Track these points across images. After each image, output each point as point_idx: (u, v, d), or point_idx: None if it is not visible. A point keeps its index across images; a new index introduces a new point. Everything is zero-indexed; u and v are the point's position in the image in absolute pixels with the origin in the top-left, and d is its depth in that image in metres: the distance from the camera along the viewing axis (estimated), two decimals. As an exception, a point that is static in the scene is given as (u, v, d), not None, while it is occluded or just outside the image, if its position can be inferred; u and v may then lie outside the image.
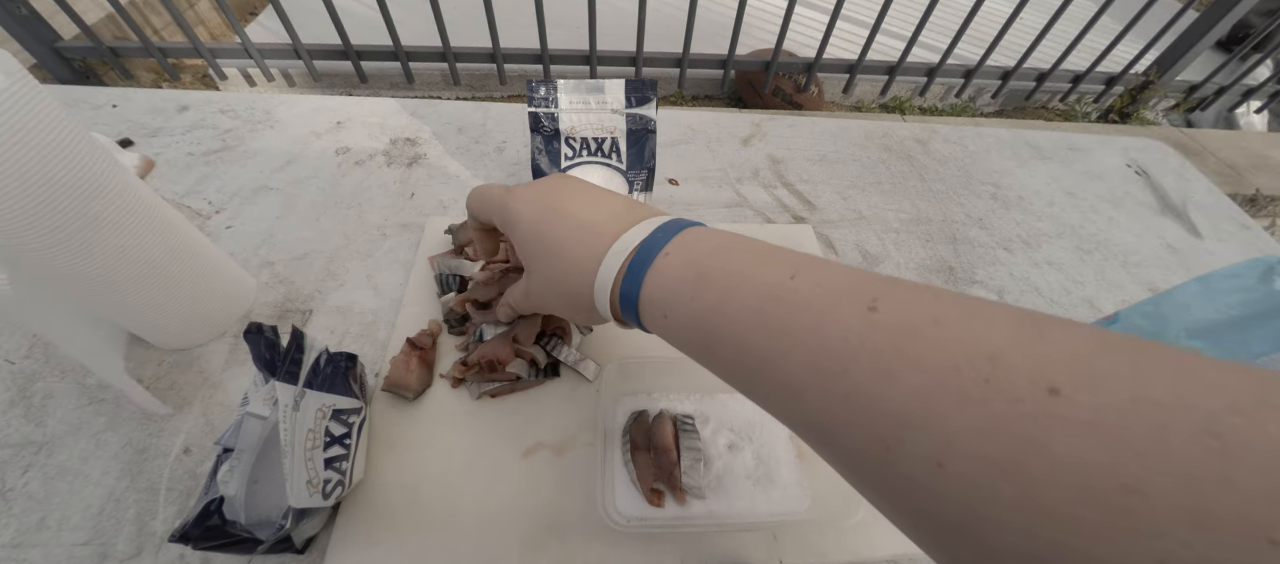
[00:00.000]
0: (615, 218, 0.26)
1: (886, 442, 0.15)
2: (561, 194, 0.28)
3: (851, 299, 0.18)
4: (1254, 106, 2.16)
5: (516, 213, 0.29)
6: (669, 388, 0.39)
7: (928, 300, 0.17)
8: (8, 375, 0.37)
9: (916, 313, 0.16)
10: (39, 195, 0.26)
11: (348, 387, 0.33)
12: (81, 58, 1.59)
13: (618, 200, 0.28)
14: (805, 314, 0.18)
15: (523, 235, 0.28)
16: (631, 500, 0.34)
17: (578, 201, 0.28)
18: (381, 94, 1.83)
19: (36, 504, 0.32)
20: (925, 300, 0.17)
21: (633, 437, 0.36)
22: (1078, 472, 0.12)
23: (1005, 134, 0.72)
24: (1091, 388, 0.13)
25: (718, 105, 2.06)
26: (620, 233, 0.25)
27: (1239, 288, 0.32)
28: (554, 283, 0.28)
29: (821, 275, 0.19)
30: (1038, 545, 0.12)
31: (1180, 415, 0.11)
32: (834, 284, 0.19)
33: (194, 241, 0.37)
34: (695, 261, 0.23)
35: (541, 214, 0.28)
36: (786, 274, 0.20)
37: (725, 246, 0.23)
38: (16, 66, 0.26)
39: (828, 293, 0.18)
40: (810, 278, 0.19)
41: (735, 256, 0.22)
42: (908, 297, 0.17)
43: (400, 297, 0.43)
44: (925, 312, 0.16)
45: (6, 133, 0.25)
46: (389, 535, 0.32)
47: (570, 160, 0.47)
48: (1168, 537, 0.11)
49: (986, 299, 0.17)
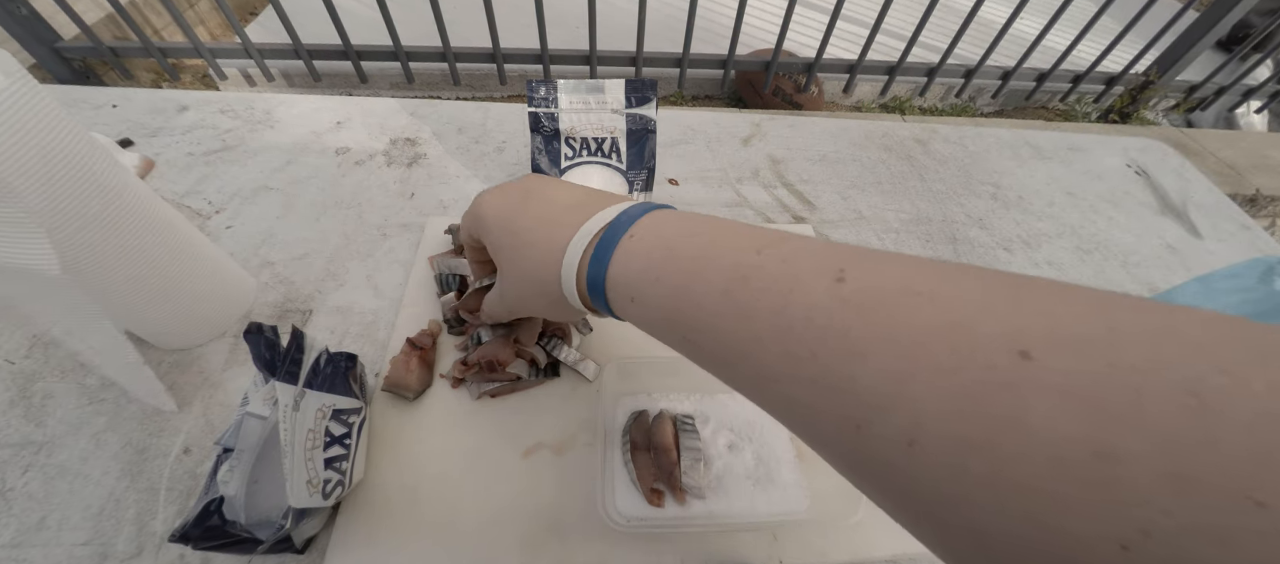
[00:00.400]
0: (580, 205, 0.26)
1: (857, 422, 0.15)
2: (527, 191, 0.28)
3: (818, 273, 0.17)
4: (1254, 106, 2.16)
5: (484, 213, 0.29)
6: (669, 388, 0.39)
7: (897, 269, 0.16)
8: (8, 375, 0.37)
9: (886, 283, 0.16)
10: (38, 196, 0.26)
11: (348, 387, 0.33)
12: (81, 58, 1.59)
13: (583, 190, 0.28)
14: (771, 293, 0.18)
15: (493, 235, 0.28)
16: (631, 500, 0.34)
17: (543, 195, 0.28)
18: (381, 94, 1.83)
19: (36, 504, 0.32)
20: (895, 269, 0.16)
21: (633, 437, 0.36)
22: (1050, 442, 0.11)
23: (1005, 134, 0.72)
24: (1065, 352, 0.12)
25: (718, 105, 2.06)
26: (584, 219, 0.25)
27: (1239, 288, 0.32)
28: (523, 278, 0.28)
29: (788, 250, 0.19)
30: (1012, 523, 0.12)
31: (1158, 377, 0.11)
32: (801, 259, 0.18)
33: (194, 242, 0.37)
34: (661, 242, 0.22)
35: (508, 211, 0.28)
36: (752, 249, 0.19)
37: (691, 227, 0.22)
38: (16, 66, 0.26)
39: (793, 269, 0.18)
40: (776, 254, 0.19)
41: (700, 235, 0.22)
42: (877, 266, 0.17)
43: (400, 296, 0.43)
44: (895, 281, 0.16)
45: (6, 133, 0.25)
46: (389, 535, 0.32)
47: (570, 160, 0.47)
48: (1148, 505, 0.10)
49: (962, 264, 0.16)
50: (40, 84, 0.27)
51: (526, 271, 0.27)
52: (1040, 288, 0.14)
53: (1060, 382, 0.12)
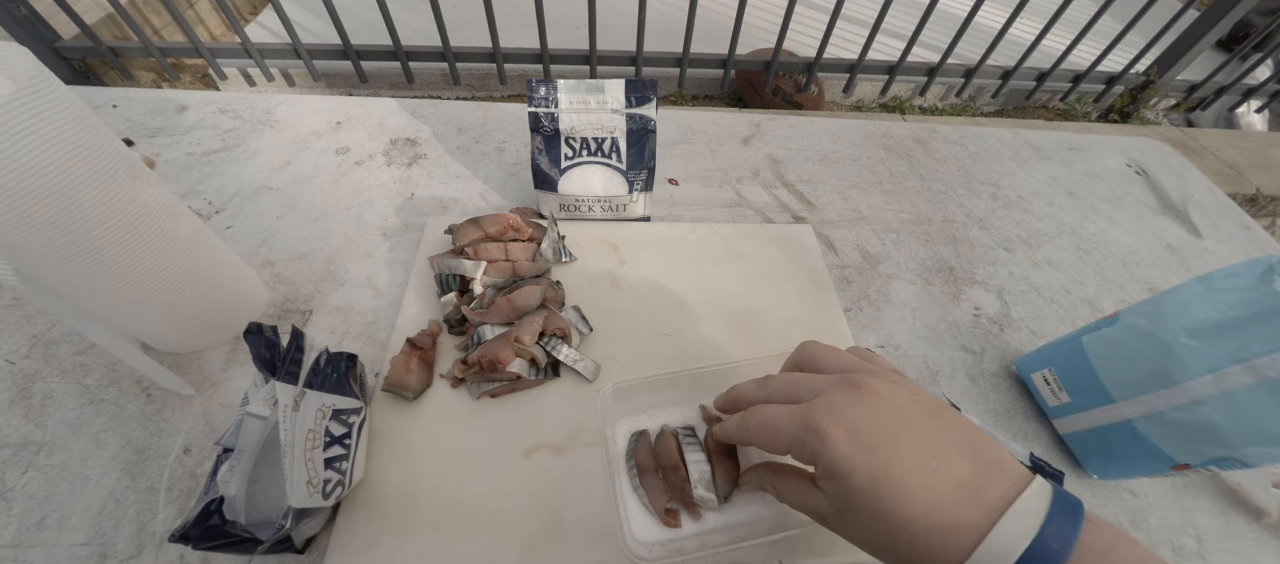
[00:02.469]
0: (969, 487, 0.21)
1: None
2: (895, 440, 0.23)
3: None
4: (1254, 106, 2.16)
5: (843, 459, 0.23)
6: (664, 402, 0.38)
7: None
8: (8, 375, 0.37)
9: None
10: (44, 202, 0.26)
11: (348, 387, 0.33)
12: (81, 58, 1.59)
13: (961, 458, 0.22)
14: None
15: (853, 491, 0.23)
16: (648, 526, 0.33)
17: (914, 457, 0.22)
18: (381, 94, 1.83)
19: (36, 504, 0.32)
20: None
21: (638, 459, 0.34)
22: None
23: (1005, 134, 0.72)
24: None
25: (718, 105, 2.06)
26: (990, 521, 0.20)
27: (1239, 288, 0.32)
28: (886, 550, 0.23)
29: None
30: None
31: None
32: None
33: (211, 249, 0.37)
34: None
35: (876, 472, 0.22)
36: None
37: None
38: (38, 64, 0.26)
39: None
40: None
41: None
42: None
43: (400, 296, 0.43)
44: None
45: (31, 128, 0.25)
46: (389, 535, 0.32)
47: (570, 160, 0.47)
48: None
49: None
50: (64, 84, 0.27)
51: (893, 548, 0.23)
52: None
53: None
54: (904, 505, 0.21)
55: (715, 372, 0.37)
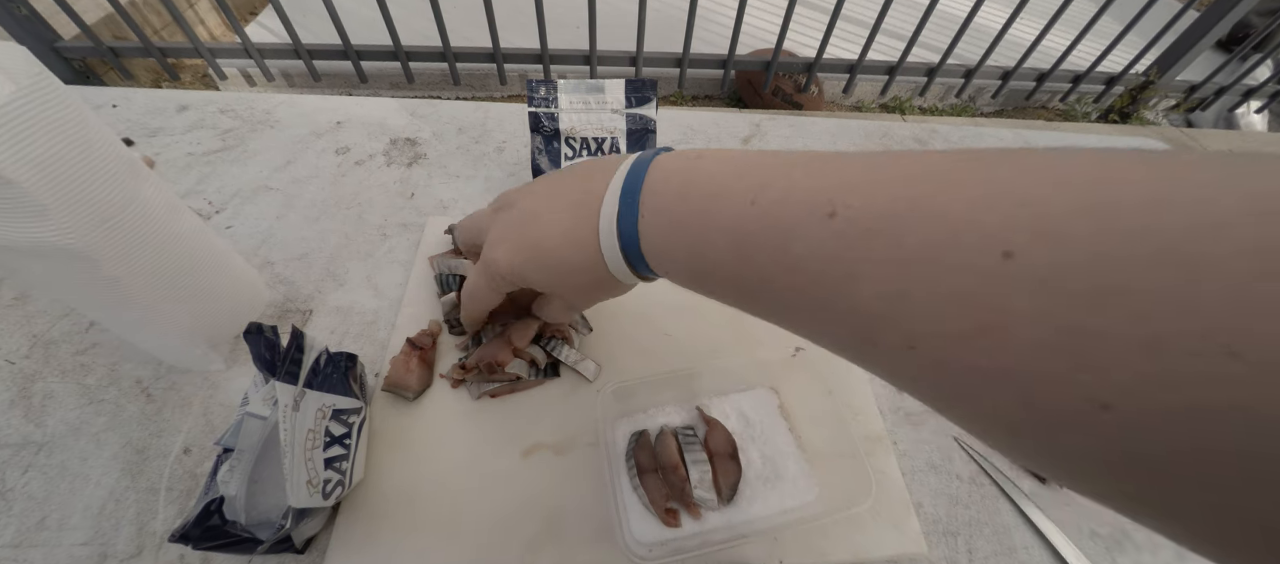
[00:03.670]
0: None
1: (867, 337, 0.17)
2: (536, 220, 0.29)
3: (811, 212, 0.18)
4: (1254, 106, 2.16)
5: (509, 266, 0.29)
6: (664, 401, 0.38)
7: (885, 193, 0.17)
8: (8, 375, 0.37)
9: (873, 208, 0.17)
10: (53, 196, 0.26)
11: (348, 387, 0.33)
12: (81, 58, 1.59)
13: (576, 193, 0.29)
14: (772, 242, 0.20)
15: (527, 274, 0.29)
16: (648, 526, 0.33)
17: (547, 218, 0.29)
18: (381, 94, 1.83)
19: (36, 504, 0.32)
20: (882, 193, 0.17)
21: (638, 460, 0.34)
22: (1031, 331, 0.13)
23: (1005, 134, 0.72)
24: (1045, 247, 0.13)
25: (718, 105, 2.06)
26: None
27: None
28: (573, 288, 0.29)
29: (780, 192, 0.20)
30: (1003, 403, 0.14)
31: (1139, 260, 0.12)
32: (793, 201, 0.19)
33: (212, 249, 0.36)
34: (667, 210, 0.24)
35: (529, 252, 0.29)
36: (747, 201, 0.21)
37: (686, 181, 0.24)
38: (38, 64, 0.26)
39: (788, 212, 0.19)
40: (770, 200, 0.20)
41: (697, 189, 0.23)
42: (867, 193, 0.18)
43: (400, 296, 0.43)
44: (882, 205, 0.17)
45: (34, 128, 0.24)
46: (389, 535, 0.32)
47: (570, 160, 0.47)
48: (1125, 367, 0.11)
49: (951, 159, 0.17)
50: (65, 85, 0.26)
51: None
52: (1023, 174, 0.15)
53: (1042, 275, 0.13)
54: (555, 254, 0.28)
55: (715, 371, 0.37)
